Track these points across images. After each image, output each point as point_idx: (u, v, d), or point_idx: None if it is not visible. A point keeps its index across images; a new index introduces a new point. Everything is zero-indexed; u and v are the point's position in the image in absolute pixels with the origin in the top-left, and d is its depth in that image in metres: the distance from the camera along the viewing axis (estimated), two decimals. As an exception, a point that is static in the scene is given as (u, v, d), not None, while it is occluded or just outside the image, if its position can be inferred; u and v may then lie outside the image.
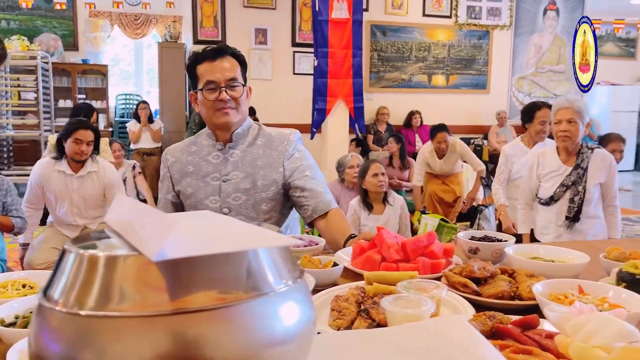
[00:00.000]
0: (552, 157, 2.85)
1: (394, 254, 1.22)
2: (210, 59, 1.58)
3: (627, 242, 1.68)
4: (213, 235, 0.50)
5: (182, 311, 0.47)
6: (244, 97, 1.62)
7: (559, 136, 2.74)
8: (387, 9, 7.66)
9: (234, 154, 1.65)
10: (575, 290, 1.01)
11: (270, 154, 1.66)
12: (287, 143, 1.67)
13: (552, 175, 2.80)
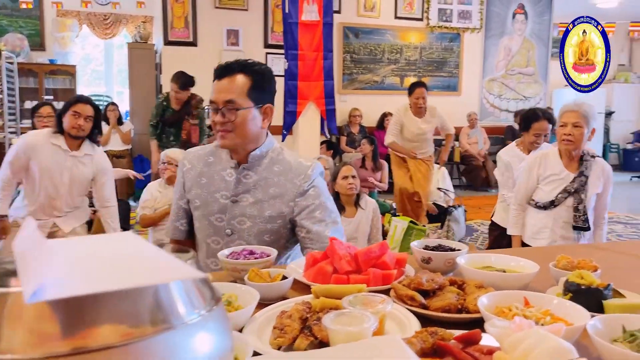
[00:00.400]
0: (554, 160, 2.75)
1: (345, 265, 1.21)
2: (218, 77, 1.54)
3: (582, 248, 1.70)
4: (109, 268, 0.48)
5: (81, 351, 0.44)
6: (246, 121, 1.51)
7: (562, 139, 2.65)
8: (359, 11, 7.68)
9: (248, 176, 1.58)
10: (520, 302, 1.01)
11: (284, 185, 1.57)
12: (303, 177, 1.58)
13: (554, 178, 2.71)
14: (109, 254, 0.53)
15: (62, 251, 0.49)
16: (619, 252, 1.58)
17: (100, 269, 0.48)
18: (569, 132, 2.60)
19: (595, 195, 2.67)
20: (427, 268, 1.32)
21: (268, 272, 1.16)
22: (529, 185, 2.80)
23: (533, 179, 2.78)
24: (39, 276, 0.41)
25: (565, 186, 2.65)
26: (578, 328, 0.88)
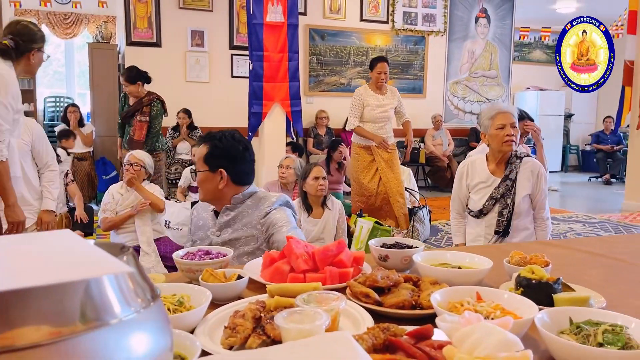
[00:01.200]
0: (480, 167, 2.68)
1: (302, 264, 1.20)
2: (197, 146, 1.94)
3: (534, 245, 1.73)
4: (37, 264, 0.46)
5: (7, 349, 0.42)
6: (200, 180, 1.88)
7: (505, 141, 2.54)
8: (325, 13, 7.70)
9: (227, 214, 1.89)
10: (473, 297, 1.02)
11: (253, 213, 1.87)
12: (268, 204, 1.87)
13: (482, 186, 2.65)
14: (39, 250, 0.51)
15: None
16: (572, 249, 1.62)
17: (28, 265, 0.46)
18: (510, 132, 2.53)
19: (528, 197, 2.58)
20: (384, 266, 1.33)
21: (223, 272, 1.15)
22: (461, 195, 2.75)
23: (463, 188, 2.73)
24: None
25: (491, 193, 2.60)
26: (526, 321, 0.89)
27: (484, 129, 2.65)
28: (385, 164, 4.81)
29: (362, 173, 4.86)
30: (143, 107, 4.72)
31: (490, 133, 2.59)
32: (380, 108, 4.77)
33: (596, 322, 0.87)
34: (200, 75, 7.17)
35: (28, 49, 2.46)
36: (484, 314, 0.93)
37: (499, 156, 2.61)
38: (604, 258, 1.51)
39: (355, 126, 4.79)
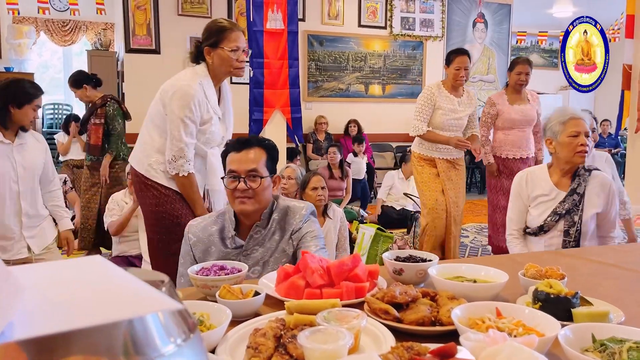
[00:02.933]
0: (542, 177, 2.36)
1: (317, 279, 1.20)
2: (236, 150, 1.72)
3: (545, 255, 1.73)
4: (80, 301, 0.45)
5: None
6: (264, 187, 1.70)
7: (578, 151, 2.23)
8: (323, 19, 7.71)
9: (258, 231, 1.72)
10: (493, 313, 1.02)
11: (283, 227, 1.74)
12: (298, 217, 1.75)
13: (543, 199, 2.31)
14: (78, 283, 0.50)
15: (28, 282, 0.46)
16: (584, 259, 1.62)
17: (71, 303, 0.45)
18: (584, 142, 2.22)
19: (595, 215, 2.26)
20: (399, 279, 1.32)
21: (240, 288, 1.14)
22: (522, 209, 2.39)
23: (524, 200, 2.38)
24: (7, 313, 0.38)
25: (554, 207, 2.27)
26: (550, 338, 0.89)
27: (551, 135, 2.33)
28: (449, 183, 3.89)
29: (429, 185, 3.88)
30: (97, 110, 4.45)
31: (560, 140, 2.27)
32: (453, 114, 3.80)
33: (620, 340, 0.87)
34: (200, 81, 7.16)
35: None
36: (505, 331, 0.93)
37: (566, 167, 2.30)
38: (617, 269, 1.51)
39: (424, 131, 3.76)
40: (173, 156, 2.23)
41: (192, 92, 2.19)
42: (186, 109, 2.18)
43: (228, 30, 2.23)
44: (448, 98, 3.81)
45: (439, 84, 3.87)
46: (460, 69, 3.76)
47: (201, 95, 2.22)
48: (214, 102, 2.31)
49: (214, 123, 2.31)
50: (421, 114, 3.81)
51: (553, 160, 2.38)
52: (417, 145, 3.99)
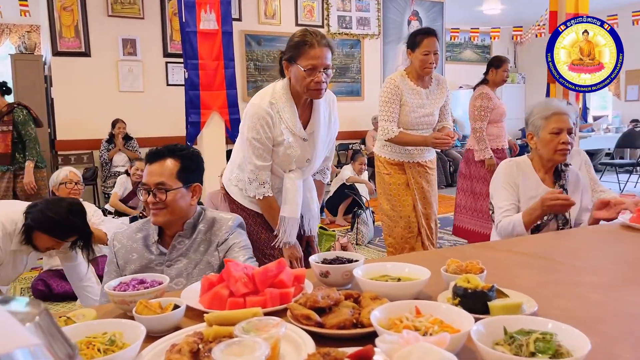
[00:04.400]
0: (529, 171, 2.26)
1: (241, 287, 1.18)
2: (148, 162, 1.71)
3: (471, 249, 1.78)
4: None
5: None
6: (175, 199, 1.68)
7: (559, 149, 2.15)
8: (260, 19, 7.66)
9: (182, 242, 1.72)
10: (412, 311, 1.03)
11: (209, 239, 1.74)
12: (225, 228, 1.75)
13: (533, 195, 2.19)
14: None
15: None
16: (507, 251, 1.67)
17: None
18: (566, 140, 2.15)
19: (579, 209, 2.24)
20: (326, 282, 1.32)
21: (159, 302, 1.10)
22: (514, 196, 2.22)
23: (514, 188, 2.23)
24: None
25: None
26: (463, 335, 0.91)
27: (533, 130, 2.24)
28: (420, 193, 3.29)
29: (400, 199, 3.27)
30: (3, 117, 4.30)
31: (541, 137, 2.19)
32: (421, 110, 3.19)
33: (528, 331, 0.89)
34: (134, 84, 6.95)
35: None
36: (422, 329, 0.94)
37: (548, 165, 2.25)
38: (537, 259, 1.57)
39: (396, 133, 3.12)
40: (248, 178, 2.13)
41: (260, 113, 2.03)
42: (253, 131, 2.05)
43: (307, 45, 1.96)
44: (414, 91, 3.17)
45: (402, 73, 3.21)
46: (430, 54, 3.06)
47: (271, 116, 2.04)
48: (292, 122, 2.07)
49: (290, 145, 2.09)
50: (388, 112, 3.15)
51: (533, 155, 2.29)
52: (381, 148, 3.31)
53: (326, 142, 2.23)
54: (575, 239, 1.85)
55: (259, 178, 2.10)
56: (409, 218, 3.23)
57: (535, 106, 2.28)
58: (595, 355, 0.89)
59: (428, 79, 3.22)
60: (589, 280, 1.33)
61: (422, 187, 3.27)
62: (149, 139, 6.91)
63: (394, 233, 3.26)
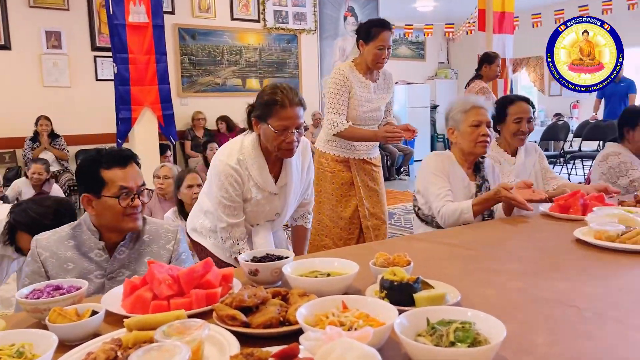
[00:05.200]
0: (455, 165, 2.28)
1: (165, 289, 1.14)
2: (122, 166, 1.60)
3: (400, 242, 1.81)
4: None
5: None
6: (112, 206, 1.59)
7: (479, 141, 2.21)
8: (194, 12, 7.48)
9: (122, 252, 1.61)
10: (339, 306, 1.03)
11: (158, 252, 1.65)
12: (175, 243, 1.68)
13: (459, 188, 2.24)
14: None
15: None
16: (434, 242, 1.71)
17: None
18: (486, 132, 2.22)
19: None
20: (255, 280, 1.30)
21: (75, 309, 1.05)
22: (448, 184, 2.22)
23: (447, 178, 2.24)
24: None
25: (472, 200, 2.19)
26: (386, 328, 0.92)
27: (453, 124, 2.29)
28: (366, 192, 3.11)
29: (341, 200, 3.09)
30: None
31: (462, 130, 2.25)
32: (369, 104, 3.03)
33: (448, 321, 0.91)
34: (60, 79, 6.61)
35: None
36: (347, 324, 0.94)
37: (470, 158, 2.30)
38: (462, 249, 1.61)
39: (346, 127, 2.92)
40: (222, 237, 2.02)
41: (228, 171, 1.95)
42: (222, 190, 1.96)
43: (278, 104, 1.87)
44: (363, 84, 3.00)
45: (350, 65, 3.03)
46: (384, 49, 2.91)
47: (240, 173, 1.96)
48: (262, 178, 1.98)
49: (258, 203, 2.01)
50: (336, 104, 2.94)
51: (455, 150, 2.32)
52: (326, 143, 3.10)
53: (299, 193, 2.14)
54: (499, 229, 1.93)
55: (233, 236, 2.01)
56: (350, 219, 3.06)
57: (454, 102, 2.34)
58: (511, 341, 0.92)
59: (376, 73, 3.08)
60: (509, 268, 1.39)
61: (368, 185, 3.11)
62: (78, 137, 6.60)
63: (332, 234, 3.07)
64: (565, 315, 1.06)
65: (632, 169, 2.86)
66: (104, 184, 1.56)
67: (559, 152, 8.57)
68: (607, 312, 1.07)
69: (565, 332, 0.99)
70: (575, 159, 8.26)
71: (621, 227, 1.59)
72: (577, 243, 1.62)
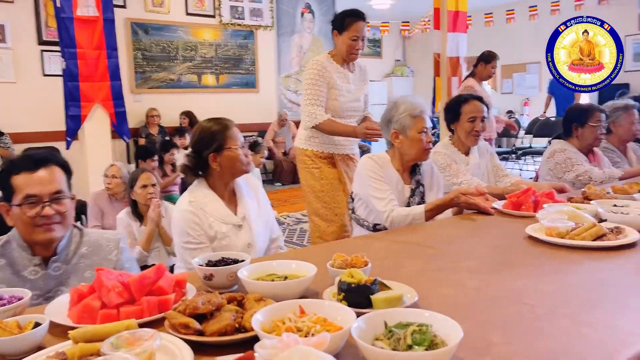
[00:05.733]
0: (389, 168, 2.23)
1: (114, 297, 1.09)
2: (29, 170, 1.45)
3: (357, 241, 1.81)
4: None
5: None
6: (69, 210, 1.50)
7: (427, 149, 2.19)
8: (147, 7, 7.28)
9: (57, 268, 1.49)
10: (296, 311, 1.01)
11: (100, 264, 1.50)
12: (118, 252, 1.59)
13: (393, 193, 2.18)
14: None
15: None
16: (392, 241, 1.72)
17: None
18: (431, 139, 2.19)
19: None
20: (210, 285, 1.27)
21: (16, 320, 0.99)
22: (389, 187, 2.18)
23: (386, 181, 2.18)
24: None
25: (407, 203, 2.21)
26: (344, 333, 0.90)
27: (399, 128, 2.19)
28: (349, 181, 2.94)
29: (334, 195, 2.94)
30: None
31: (410, 135, 2.17)
32: (350, 95, 2.96)
33: (406, 324, 0.91)
34: (4, 74, 6.31)
35: None
36: (304, 330, 0.93)
37: (408, 163, 2.26)
38: (420, 247, 1.62)
39: (324, 119, 2.83)
40: None
41: (184, 216, 1.87)
42: (183, 236, 1.87)
43: (228, 129, 1.92)
44: (342, 73, 2.93)
45: (327, 56, 2.96)
46: (358, 40, 2.87)
47: (195, 214, 1.87)
48: (220, 212, 1.92)
49: (225, 236, 1.92)
50: (314, 95, 2.83)
51: (393, 152, 2.26)
52: (307, 139, 2.98)
53: (264, 221, 2.07)
54: (456, 227, 1.95)
55: None
56: (344, 216, 2.89)
57: (401, 103, 2.23)
58: (468, 342, 0.92)
59: (352, 64, 3.02)
60: (465, 266, 1.40)
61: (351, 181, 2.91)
62: (25, 135, 6.32)
63: (327, 234, 2.89)
64: (519, 313, 1.08)
65: (577, 164, 2.97)
66: (13, 192, 1.44)
67: (511, 148, 8.81)
68: (559, 309, 1.09)
69: (519, 331, 1.00)
70: (527, 155, 8.52)
71: (571, 223, 1.64)
72: (529, 240, 1.65)
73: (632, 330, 0.97)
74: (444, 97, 6.22)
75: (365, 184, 2.18)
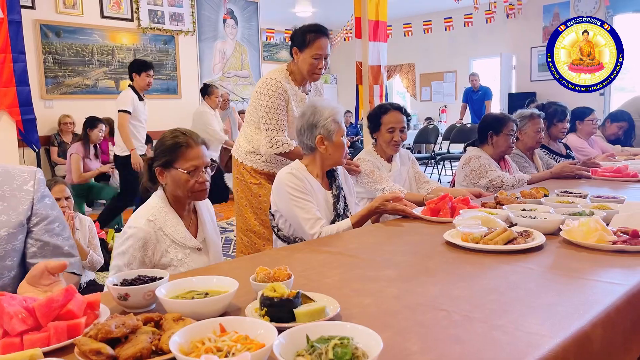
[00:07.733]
0: (308, 177, 2.20)
1: (17, 324, 1.01)
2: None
3: (283, 251, 1.80)
4: None
5: None
6: None
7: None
8: (58, 8, 6.90)
9: None
10: (217, 330, 0.99)
11: (13, 195, 1.36)
12: (35, 182, 1.40)
13: (319, 203, 2.19)
14: None
15: None
16: (315, 251, 1.72)
17: None
18: (347, 143, 2.23)
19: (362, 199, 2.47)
20: (126, 305, 1.21)
21: None
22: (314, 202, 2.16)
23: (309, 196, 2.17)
24: None
25: (333, 210, 2.23)
26: (266, 350, 0.89)
27: (325, 133, 2.17)
28: None
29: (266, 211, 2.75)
30: None
31: (335, 142, 2.18)
32: None
33: (327, 337, 0.91)
34: None
35: None
36: (225, 350, 0.90)
37: (326, 168, 2.28)
38: (341, 256, 1.64)
39: (291, 148, 2.72)
40: None
41: (138, 235, 1.77)
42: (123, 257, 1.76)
43: (183, 146, 1.83)
44: (299, 97, 2.80)
45: (285, 74, 2.76)
46: (320, 58, 2.71)
47: (150, 236, 1.78)
48: (180, 234, 1.84)
49: (181, 263, 1.82)
50: (277, 121, 2.68)
51: (311, 159, 2.24)
52: (247, 155, 2.86)
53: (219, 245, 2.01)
54: (376, 234, 1.99)
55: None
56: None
57: (324, 107, 2.19)
58: (388, 352, 0.94)
59: (308, 85, 2.86)
60: (385, 275, 1.43)
61: None
62: None
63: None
64: (436, 320, 1.11)
65: (490, 170, 3.14)
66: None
67: (430, 154, 9.16)
68: (473, 314, 1.13)
69: (436, 338, 1.03)
70: (445, 160, 8.89)
71: (484, 228, 1.72)
72: (447, 245, 1.71)
73: (538, 332, 1.03)
74: (365, 105, 6.36)
75: (288, 203, 2.14)
